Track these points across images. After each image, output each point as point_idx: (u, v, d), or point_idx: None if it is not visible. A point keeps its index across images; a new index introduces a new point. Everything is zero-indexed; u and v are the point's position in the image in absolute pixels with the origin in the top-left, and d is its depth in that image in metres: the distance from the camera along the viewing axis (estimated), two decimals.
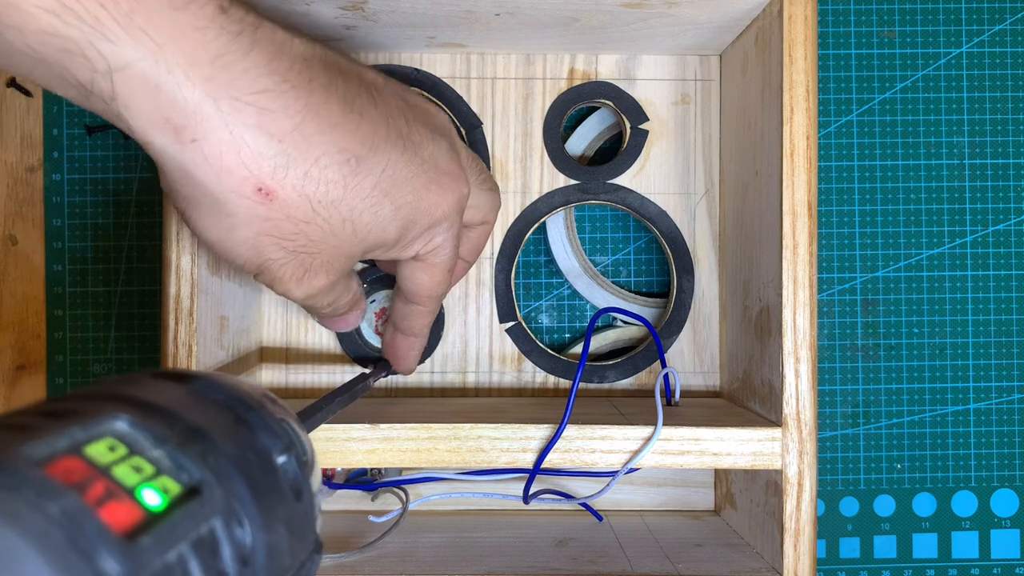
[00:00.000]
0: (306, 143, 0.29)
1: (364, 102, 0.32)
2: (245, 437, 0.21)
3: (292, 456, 0.22)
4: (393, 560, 0.39)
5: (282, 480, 0.21)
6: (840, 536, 0.49)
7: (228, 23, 0.27)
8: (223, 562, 0.18)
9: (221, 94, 0.26)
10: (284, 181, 0.29)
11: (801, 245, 0.37)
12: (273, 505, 0.20)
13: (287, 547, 0.20)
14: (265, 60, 0.28)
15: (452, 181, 0.35)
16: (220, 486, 0.19)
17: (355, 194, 0.31)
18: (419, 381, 0.47)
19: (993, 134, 0.50)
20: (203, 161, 0.27)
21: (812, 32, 0.37)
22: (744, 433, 0.37)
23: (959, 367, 0.49)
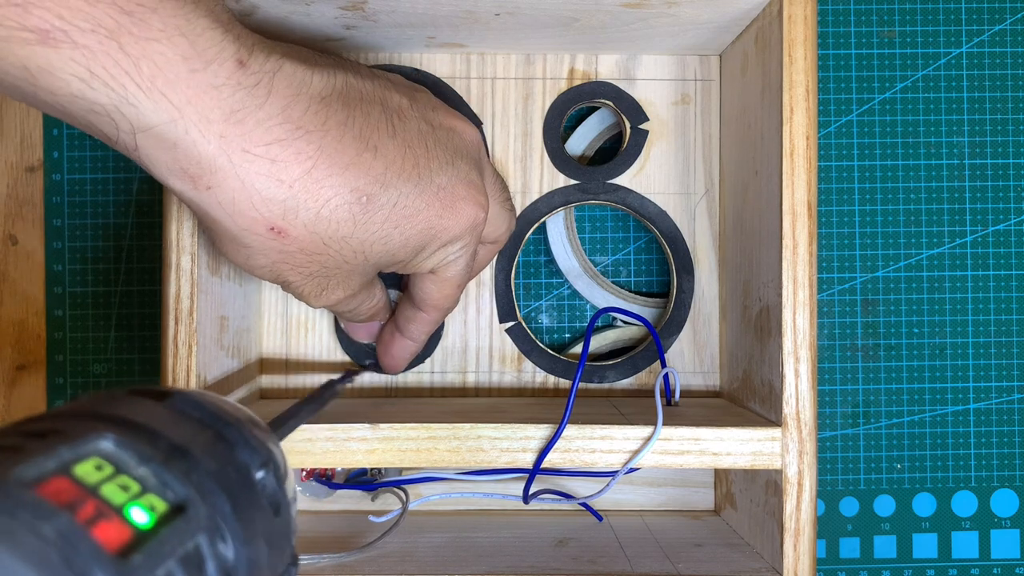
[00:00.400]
0: (317, 186, 0.30)
1: (382, 134, 0.33)
2: (224, 453, 0.21)
3: (270, 471, 0.22)
4: (393, 560, 0.39)
5: (261, 495, 0.22)
6: (840, 536, 0.49)
7: (245, 77, 0.28)
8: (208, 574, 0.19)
9: (234, 148, 0.28)
10: (295, 222, 0.31)
11: (801, 245, 0.37)
12: (253, 520, 0.21)
13: (266, 561, 0.21)
14: (279, 109, 0.29)
15: (467, 206, 0.36)
16: (204, 503, 0.20)
17: (365, 229, 0.32)
18: (419, 381, 0.47)
19: (993, 134, 0.50)
20: (218, 205, 0.30)
21: (812, 32, 0.37)
22: (744, 433, 0.37)
23: (959, 367, 0.49)
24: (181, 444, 0.20)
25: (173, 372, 0.37)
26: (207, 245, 0.39)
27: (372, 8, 0.40)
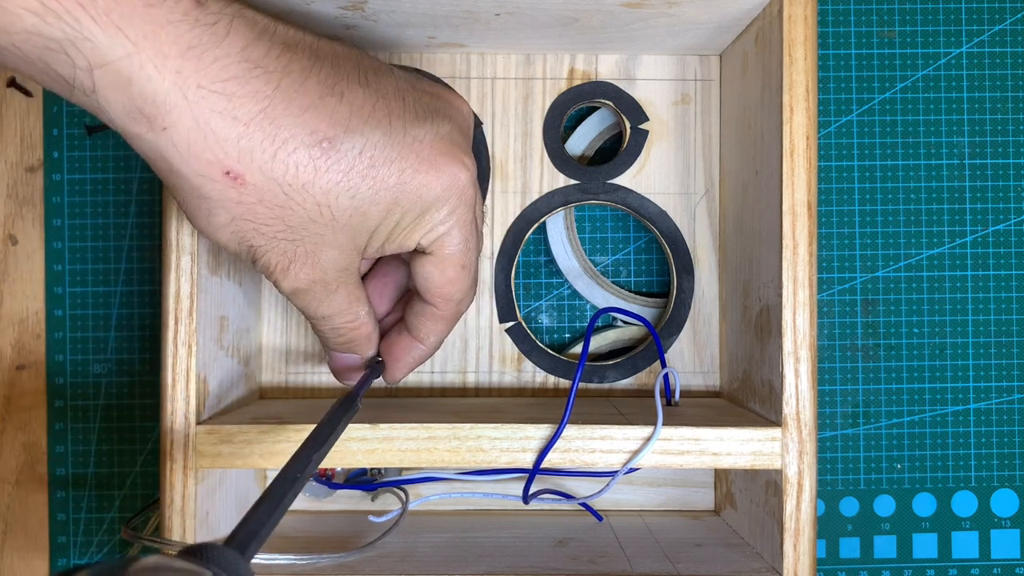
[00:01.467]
0: (273, 126, 0.29)
1: (350, 83, 0.31)
2: None
3: None
4: (393, 560, 0.39)
5: None
6: (840, 536, 0.49)
7: (203, 15, 0.28)
8: None
9: (189, 84, 0.28)
10: (251, 165, 0.29)
11: (801, 245, 0.37)
12: None
13: None
14: (238, 48, 0.29)
15: (448, 163, 0.33)
16: None
17: (328, 177, 0.31)
18: (419, 381, 0.47)
19: (993, 134, 0.50)
20: (173, 147, 0.29)
21: (812, 32, 0.37)
22: (744, 433, 0.37)
23: (959, 367, 0.49)
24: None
25: (173, 372, 0.37)
26: (207, 245, 0.39)
27: (372, 8, 0.40)
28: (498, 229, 0.47)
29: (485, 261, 0.47)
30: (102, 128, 0.48)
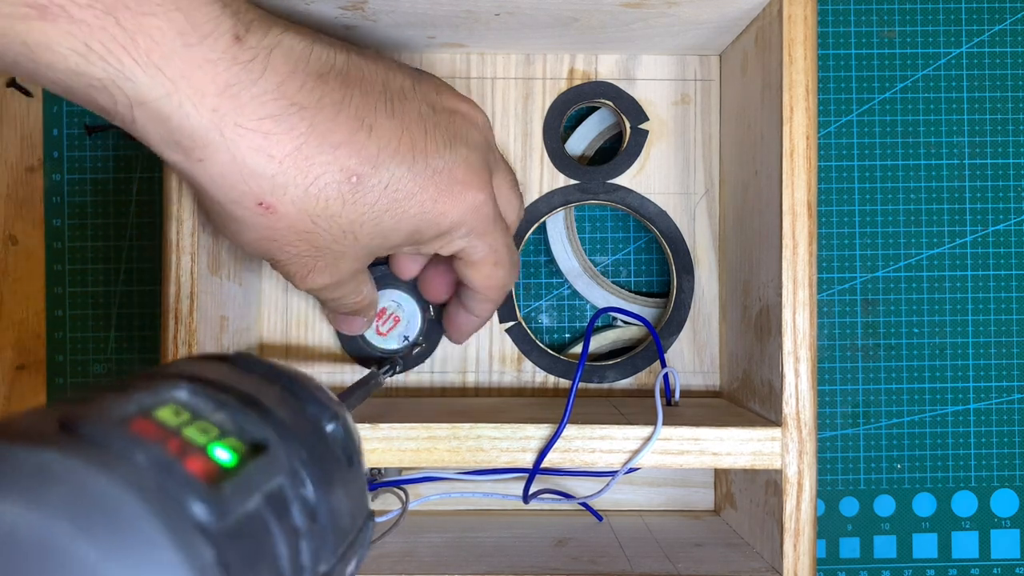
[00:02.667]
0: (307, 163, 0.30)
1: (379, 114, 0.33)
2: (294, 405, 0.21)
3: (339, 425, 0.22)
4: (393, 560, 0.39)
5: (334, 446, 0.22)
6: (840, 536, 0.49)
7: (241, 52, 0.28)
8: (294, 517, 0.19)
9: (227, 122, 0.28)
10: (284, 198, 0.31)
11: (801, 245, 0.37)
12: (329, 468, 0.21)
13: (346, 509, 0.21)
14: (274, 85, 0.29)
15: (465, 190, 0.35)
16: (281, 446, 0.19)
17: (354, 209, 0.32)
18: (419, 381, 0.47)
19: (993, 134, 0.50)
20: (209, 178, 0.30)
21: (812, 32, 0.37)
22: (744, 433, 0.37)
23: (959, 367, 0.49)
24: (251, 395, 0.20)
25: None
26: (207, 245, 0.39)
27: (372, 8, 0.40)
28: None
29: None
30: (102, 128, 0.48)
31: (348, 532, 0.21)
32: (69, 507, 0.14)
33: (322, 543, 0.19)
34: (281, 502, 0.18)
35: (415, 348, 0.46)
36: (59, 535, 0.14)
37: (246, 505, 0.17)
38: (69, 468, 0.15)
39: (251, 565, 0.16)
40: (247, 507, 0.17)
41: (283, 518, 0.18)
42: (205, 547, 0.15)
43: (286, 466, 0.19)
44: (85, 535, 0.14)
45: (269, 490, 0.18)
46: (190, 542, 0.15)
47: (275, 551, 0.17)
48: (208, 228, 0.39)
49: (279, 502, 0.18)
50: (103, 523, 0.14)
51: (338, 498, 0.21)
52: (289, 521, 0.18)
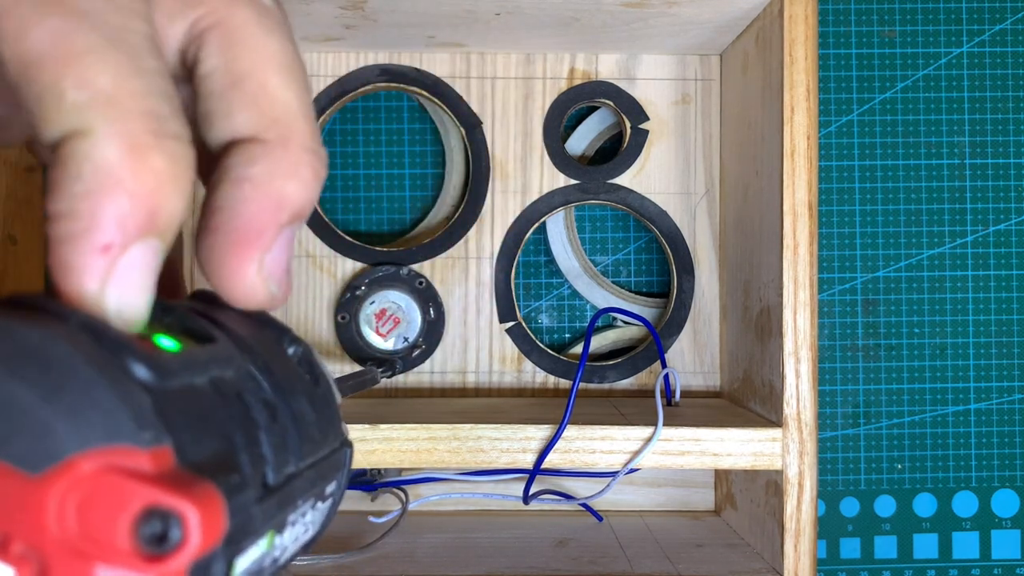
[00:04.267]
0: None
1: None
2: (251, 326, 0.20)
3: (301, 348, 0.21)
4: (393, 560, 0.39)
5: (294, 364, 0.21)
6: (841, 536, 0.49)
7: None
8: (249, 407, 0.18)
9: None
10: None
11: (801, 245, 0.37)
12: (289, 379, 0.20)
13: (313, 420, 0.20)
14: None
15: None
16: (232, 347, 0.18)
17: None
18: (419, 381, 0.47)
19: (994, 134, 0.50)
20: None
21: (812, 32, 0.37)
22: (744, 433, 0.37)
23: (960, 367, 0.49)
24: (204, 312, 0.19)
25: None
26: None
27: (372, 8, 0.40)
28: (498, 229, 0.47)
29: (485, 261, 0.47)
30: None
31: (318, 443, 0.20)
32: (1, 354, 0.14)
33: (285, 441, 0.18)
34: (234, 392, 0.18)
35: (415, 349, 0.46)
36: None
37: (190, 378, 0.16)
38: (1, 322, 0.14)
39: (195, 428, 0.16)
40: (191, 380, 0.16)
41: (235, 405, 0.17)
42: (141, 394, 0.15)
43: (236, 363, 0.18)
44: (17, 378, 0.14)
45: (217, 376, 0.17)
46: (125, 387, 0.15)
47: (225, 429, 0.17)
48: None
49: (230, 390, 0.18)
50: (36, 368, 0.14)
51: (302, 406, 0.20)
52: (243, 410, 0.18)
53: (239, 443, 0.17)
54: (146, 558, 0.14)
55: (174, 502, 0.14)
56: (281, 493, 0.18)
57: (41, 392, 0.14)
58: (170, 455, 0.15)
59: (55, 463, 0.14)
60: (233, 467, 0.16)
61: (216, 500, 0.14)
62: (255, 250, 0.18)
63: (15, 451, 0.14)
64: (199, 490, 0.14)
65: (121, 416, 0.14)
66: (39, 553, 0.14)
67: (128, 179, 0.16)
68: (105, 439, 0.14)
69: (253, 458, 0.17)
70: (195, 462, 0.15)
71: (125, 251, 0.16)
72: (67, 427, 0.14)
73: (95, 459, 0.14)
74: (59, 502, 0.14)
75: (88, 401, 0.14)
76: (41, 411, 0.14)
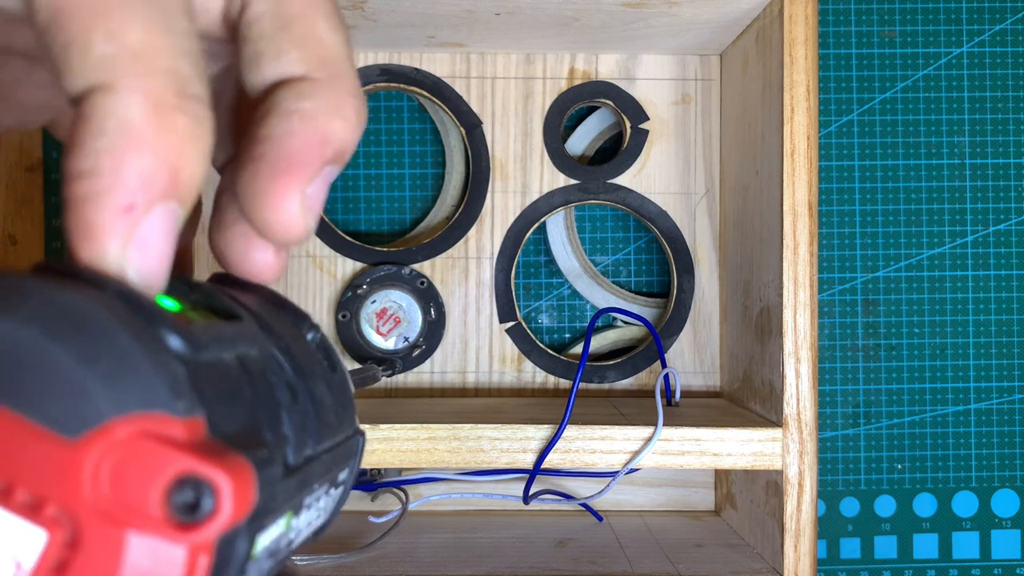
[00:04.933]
0: None
1: None
2: (271, 309, 0.21)
3: (319, 335, 0.21)
4: (393, 560, 0.39)
5: (313, 349, 0.21)
6: (841, 536, 0.49)
7: None
8: (273, 386, 0.18)
9: None
10: None
11: (801, 245, 0.37)
12: (309, 363, 0.20)
13: (330, 404, 0.20)
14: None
15: None
16: (256, 326, 0.19)
17: None
18: (419, 381, 0.47)
19: (994, 134, 0.50)
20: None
21: (812, 32, 0.37)
22: (744, 433, 0.37)
23: (960, 367, 0.49)
24: (227, 292, 0.20)
25: None
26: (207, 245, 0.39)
27: (372, 8, 0.40)
28: (498, 229, 0.47)
29: (485, 261, 0.47)
30: None
31: (334, 428, 0.20)
32: (40, 317, 0.14)
33: (305, 423, 0.18)
34: (259, 370, 0.18)
35: (415, 349, 0.46)
36: (31, 340, 0.14)
37: (219, 353, 0.16)
38: (41, 287, 0.14)
39: (226, 402, 0.16)
40: (221, 355, 0.16)
41: (260, 383, 0.17)
42: (177, 365, 0.15)
43: (260, 342, 0.18)
44: (57, 341, 0.14)
45: (243, 354, 0.17)
46: (162, 356, 0.15)
47: (252, 406, 0.17)
48: None
49: (256, 368, 0.18)
50: (74, 332, 0.14)
51: (320, 390, 0.20)
52: (266, 388, 0.18)
53: (263, 420, 0.17)
54: (177, 526, 0.14)
55: (208, 471, 0.14)
56: (300, 474, 0.18)
57: (80, 356, 0.14)
58: (203, 426, 0.15)
59: (92, 427, 0.14)
60: (260, 442, 0.17)
61: (248, 472, 0.14)
62: (300, 180, 0.18)
63: (52, 414, 0.14)
64: (231, 461, 0.14)
65: (158, 384, 0.14)
66: (72, 517, 0.14)
67: (151, 137, 0.16)
68: (141, 405, 0.14)
69: (276, 436, 0.17)
70: (225, 434, 0.15)
71: (147, 213, 0.16)
72: (105, 392, 0.14)
73: (131, 425, 0.14)
74: (94, 466, 0.14)
75: (126, 367, 0.14)
76: (79, 375, 0.14)
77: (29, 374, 0.14)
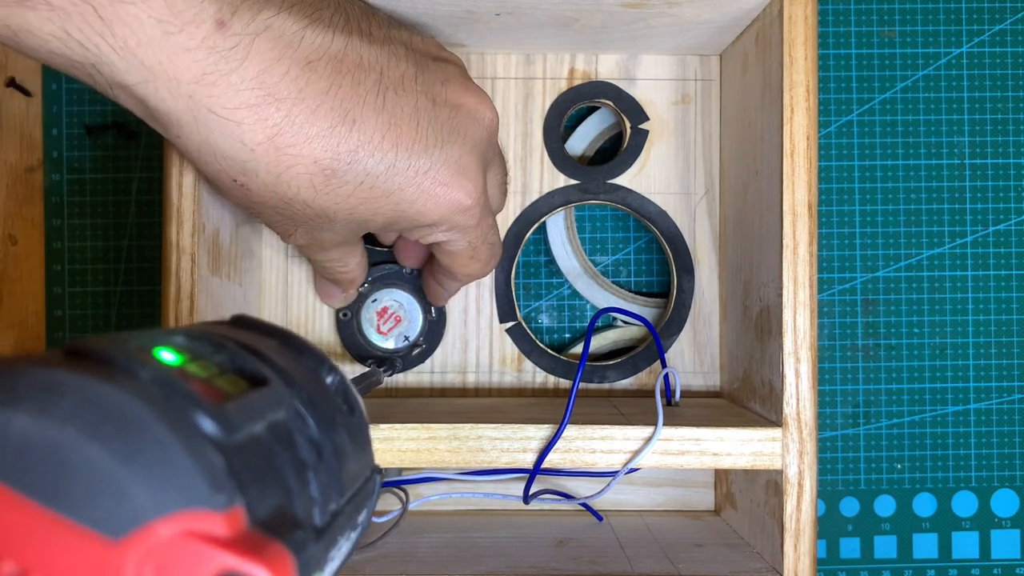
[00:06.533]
0: (278, 153, 0.30)
1: (365, 107, 0.32)
2: (291, 356, 0.21)
3: (338, 377, 0.22)
4: (393, 560, 0.39)
5: (333, 394, 0.21)
6: (840, 536, 0.49)
7: (222, 39, 0.28)
8: (299, 449, 0.18)
9: (200, 108, 0.29)
10: (256, 180, 0.31)
11: (801, 245, 0.37)
12: (330, 412, 0.20)
13: (351, 452, 0.20)
14: (253, 74, 0.29)
15: (449, 192, 0.34)
16: (282, 384, 0.19)
17: (328, 199, 0.32)
18: (419, 381, 0.47)
19: (994, 134, 0.50)
20: (186, 151, 0.31)
21: (812, 32, 0.37)
22: (744, 433, 0.37)
23: (959, 367, 0.49)
24: (249, 343, 0.20)
25: None
26: (207, 245, 0.39)
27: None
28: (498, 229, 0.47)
29: None
30: (102, 128, 0.48)
31: (356, 477, 0.21)
32: (78, 416, 0.14)
33: (330, 480, 0.19)
34: (286, 434, 0.18)
35: (415, 348, 0.46)
36: (70, 441, 0.14)
37: (251, 428, 0.17)
38: (76, 381, 0.15)
39: (260, 483, 0.16)
40: (252, 430, 0.17)
41: (289, 449, 0.18)
42: (215, 454, 0.15)
43: (287, 402, 0.19)
44: (96, 441, 0.14)
45: (272, 421, 0.18)
46: (200, 448, 0.15)
47: (283, 476, 0.17)
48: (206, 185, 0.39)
49: (283, 433, 0.18)
50: (112, 429, 0.14)
51: (342, 439, 0.20)
52: (295, 453, 0.18)
53: (294, 488, 0.17)
54: None
55: (250, 568, 0.14)
56: (327, 534, 0.18)
57: (120, 455, 0.14)
58: (242, 515, 0.15)
59: (135, 528, 0.14)
60: (295, 522, 0.17)
61: (287, 562, 0.15)
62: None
63: (94, 515, 0.14)
64: (271, 553, 0.14)
65: (197, 479, 0.14)
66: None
67: None
68: (182, 503, 0.14)
69: (305, 502, 0.18)
70: (262, 518, 0.16)
71: None
72: (146, 491, 0.14)
73: (173, 524, 0.14)
74: (137, 567, 0.14)
75: (165, 464, 0.14)
76: (120, 474, 0.14)
77: (71, 474, 0.14)
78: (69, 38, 0.26)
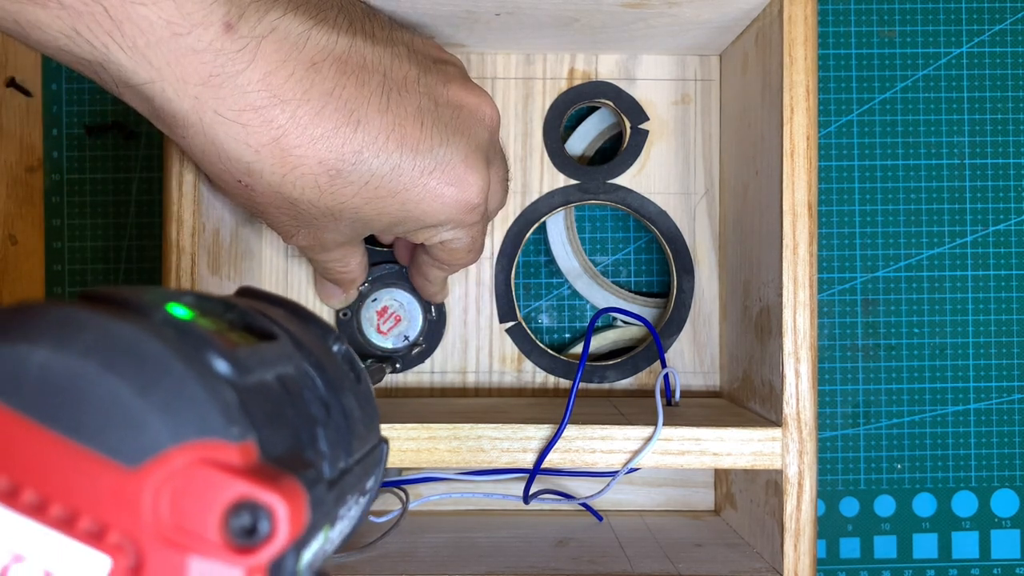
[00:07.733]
0: (283, 155, 0.31)
1: (371, 108, 0.32)
2: (299, 323, 0.21)
3: (343, 346, 0.22)
4: (393, 560, 0.39)
5: (340, 361, 0.22)
6: (840, 536, 0.49)
7: (230, 42, 0.28)
8: (308, 403, 0.18)
9: (206, 109, 0.29)
10: (260, 181, 0.31)
11: (801, 245, 0.37)
12: (338, 376, 0.21)
13: (359, 416, 0.21)
14: (260, 76, 0.29)
15: (454, 191, 0.35)
16: (290, 344, 0.19)
17: (332, 199, 0.33)
18: (419, 381, 0.47)
19: (994, 134, 0.50)
20: (191, 151, 0.31)
21: (812, 32, 0.37)
22: (744, 433, 0.37)
23: (959, 367, 0.49)
24: (257, 308, 0.20)
25: None
26: (207, 245, 0.39)
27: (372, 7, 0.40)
28: (498, 229, 0.47)
29: (485, 261, 0.47)
30: (102, 128, 0.48)
31: (363, 439, 0.21)
32: (96, 350, 0.15)
33: (338, 437, 0.19)
34: (295, 388, 0.18)
35: (415, 348, 0.46)
36: (89, 373, 0.14)
37: (262, 374, 0.17)
38: (94, 318, 0.15)
39: (271, 425, 0.16)
40: (263, 376, 0.17)
41: (298, 402, 0.18)
42: (228, 390, 0.15)
43: (296, 361, 0.19)
44: (114, 373, 0.15)
45: (281, 373, 0.18)
46: (214, 383, 0.15)
47: (293, 423, 0.17)
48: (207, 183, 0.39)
49: (292, 387, 0.18)
50: (129, 363, 0.15)
51: (350, 403, 0.20)
52: (304, 406, 0.18)
53: (304, 439, 0.18)
54: (236, 549, 0.14)
55: (264, 495, 0.14)
56: (337, 488, 0.18)
57: (137, 387, 0.15)
58: (255, 449, 0.15)
59: (152, 456, 0.14)
60: (306, 462, 0.17)
61: (301, 494, 0.15)
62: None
63: (112, 444, 0.14)
64: (285, 484, 0.15)
65: (212, 411, 0.15)
66: (134, 543, 0.14)
67: None
68: (198, 433, 0.15)
69: (315, 453, 0.18)
70: (274, 456, 0.16)
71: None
72: (162, 422, 0.15)
73: (189, 453, 0.14)
74: (154, 494, 0.14)
75: (181, 396, 0.15)
76: (137, 405, 0.14)
77: (90, 406, 0.14)
78: (78, 36, 0.27)
